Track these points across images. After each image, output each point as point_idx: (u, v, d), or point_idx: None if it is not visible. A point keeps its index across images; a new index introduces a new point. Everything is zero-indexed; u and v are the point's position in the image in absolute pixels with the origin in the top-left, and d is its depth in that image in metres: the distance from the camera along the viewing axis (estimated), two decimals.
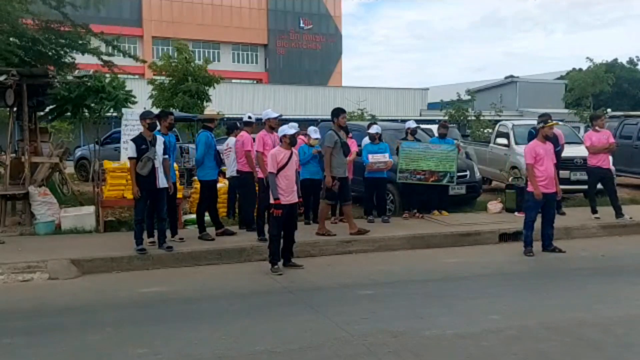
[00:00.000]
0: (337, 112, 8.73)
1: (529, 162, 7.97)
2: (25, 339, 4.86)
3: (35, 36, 10.07)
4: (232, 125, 10.14)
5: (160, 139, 7.64)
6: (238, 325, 5.14)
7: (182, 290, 6.42)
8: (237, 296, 6.22)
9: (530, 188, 7.99)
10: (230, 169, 9.44)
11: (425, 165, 9.99)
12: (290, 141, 7.14)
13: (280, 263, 7.21)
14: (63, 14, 10.81)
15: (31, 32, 10.23)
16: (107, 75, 11.25)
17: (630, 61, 44.77)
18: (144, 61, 14.38)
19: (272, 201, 7.00)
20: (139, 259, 7.38)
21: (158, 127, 8.19)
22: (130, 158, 7.44)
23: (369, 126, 10.38)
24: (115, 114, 11.67)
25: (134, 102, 11.51)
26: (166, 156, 7.69)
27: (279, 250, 7.14)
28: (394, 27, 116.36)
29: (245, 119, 9.24)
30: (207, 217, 8.67)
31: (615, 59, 43.36)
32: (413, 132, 10.53)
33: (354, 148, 9.40)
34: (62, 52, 10.89)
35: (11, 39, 9.97)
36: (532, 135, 10.48)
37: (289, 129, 7.19)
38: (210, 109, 9.85)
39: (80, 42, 10.91)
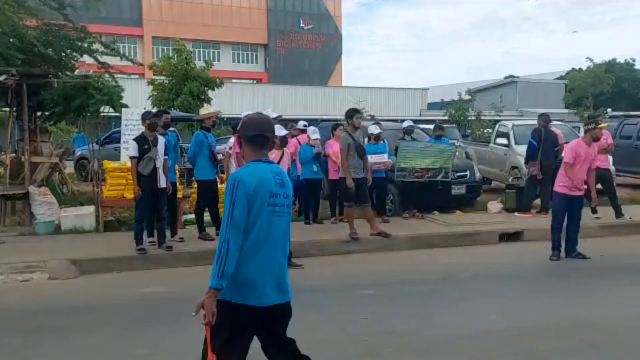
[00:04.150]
0: (352, 113, 8.52)
1: (568, 161, 7.49)
2: (25, 339, 4.86)
3: (34, 43, 10.03)
4: (237, 126, 10.14)
5: (161, 140, 7.65)
6: None
7: (182, 290, 6.40)
8: None
9: (558, 189, 7.62)
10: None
11: (422, 164, 10.02)
12: (281, 142, 7.14)
13: None
14: (64, 15, 10.79)
15: (31, 35, 10.20)
16: (96, 75, 11.15)
17: (627, 63, 44.82)
18: (140, 64, 14.34)
19: None
20: (139, 259, 7.37)
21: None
22: (131, 157, 7.45)
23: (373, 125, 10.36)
24: (115, 114, 11.62)
25: (122, 97, 11.41)
26: (166, 157, 7.69)
27: None
28: (394, 27, 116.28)
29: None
30: (207, 218, 8.67)
31: (614, 59, 43.39)
32: (408, 132, 10.56)
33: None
34: (62, 54, 10.85)
35: (11, 39, 9.96)
36: (534, 135, 10.51)
37: (280, 130, 7.19)
38: (204, 109, 9.83)
39: (79, 43, 10.88)
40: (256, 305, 2.93)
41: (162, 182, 7.57)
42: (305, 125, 10.49)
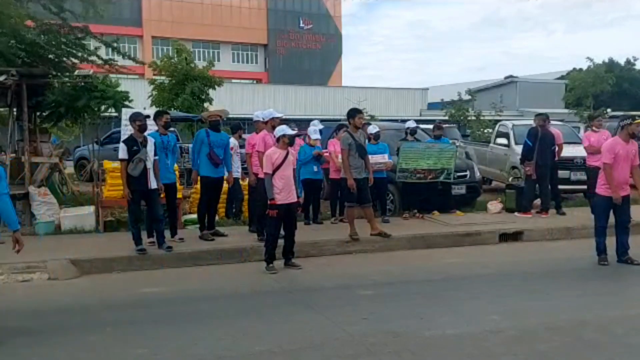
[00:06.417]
0: (353, 112, 8.47)
1: (607, 161, 7.20)
2: (25, 339, 4.86)
3: (36, 40, 10.05)
4: (236, 126, 10.14)
5: (150, 140, 7.63)
6: (238, 325, 5.14)
7: (182, 290, 6.42)
8: (237, 296, 6.22)
9: (599, 191, 7.40)
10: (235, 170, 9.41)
11: (425, 164, 10.01)
12: (289, 141, 7.14)
13: (282, 262, 7.24)
14: (63, 20, 10.79)
15: (31, 36, 10.20)
16: (99, 75, 11.17)
17: (628, 62, 44.85)
18: (142, 62, 14.37)
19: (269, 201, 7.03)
20: (139, 259, 7.38)
21: (156, 129, 8.20)
22: (121, 160, 7.43)
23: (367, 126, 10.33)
24: (115, 114, 11.65)
25: (130, 101, 11.48)
26: (156, 157, 7.66)
27: (275, 250, 7.15)
28: (394, 27, 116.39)
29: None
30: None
31: (611, 58, 43.46)
32: (412, 132, 10.54)
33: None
34: (62, 57, 10.86)
35: (11, 41, 9.96)
36: (529, 135, 10.51)
37: (288, 129, 7.19)
38: (210, 109, 9.89)
39: (79, 49, 10.91)
40: None
41: (153, 184, 7.56)
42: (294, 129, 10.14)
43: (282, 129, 7.18)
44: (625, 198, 7.39)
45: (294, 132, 7.20)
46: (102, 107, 10.66)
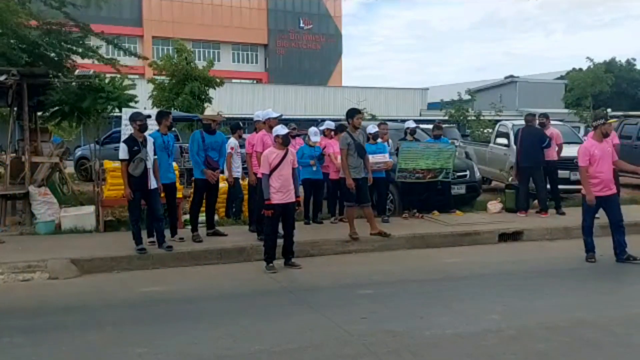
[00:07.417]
0: (352, 112, 8.52)
1: (583, 164, 7.38)
2: (25, 339, 4.87)
3: (37, 41, 10.04)
4: (236, 125, 10.13)
5: (150, 140, 7.64)
6: (238, 325, 5.14)
7: (182, 290, 6.42)
8: (237, 296, 6.22)
9: (584, 192, 7.52)
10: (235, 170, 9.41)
11: (424, 164, 10.01)
12: (282, 141, 7.12)
13: (282, 262, 7.24)
14: (65, 14, 10.78)
15: (32, 35, 10.20)
16: (107, 75, 11.19)
17: (628, 62, 44.89)
18: (145, 58, 14.34)
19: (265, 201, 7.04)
20: (139, 258, 7.38)
21: (157, 128, 8.21)
22: (121, 160, 7.43)
23: (378, 125, 10.30)
24: (118, 114, 11.64)
25: (137, 102, 11.50)
26: (155, 157, 7.68)
27: (274, 249, 7.16)
28: (394, 27, 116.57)
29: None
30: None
31: (613, 58, 43.51)
32: (412, 132, 10.54)
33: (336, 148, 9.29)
34: (63, 55, 10.85)
35: (12, 41, 9.95)
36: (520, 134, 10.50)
37: (281, 129, 7.19)
38: (209, 110, 9.84)
39: (81, 46, 10.89)
40: None
41: (153, 183, 7.57)
42: (294, 128, 9.85)
43: (276, 130, 7.20)
44: (613, 197, 7.50)
45: (285, 132, 7.17)
46: (109, 108, 10.66)
